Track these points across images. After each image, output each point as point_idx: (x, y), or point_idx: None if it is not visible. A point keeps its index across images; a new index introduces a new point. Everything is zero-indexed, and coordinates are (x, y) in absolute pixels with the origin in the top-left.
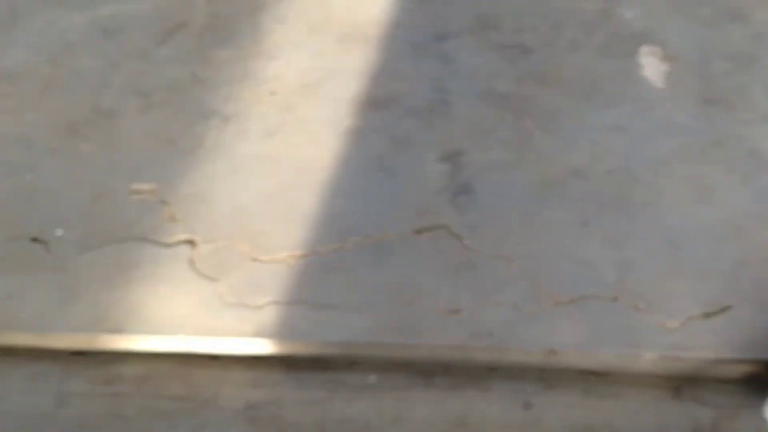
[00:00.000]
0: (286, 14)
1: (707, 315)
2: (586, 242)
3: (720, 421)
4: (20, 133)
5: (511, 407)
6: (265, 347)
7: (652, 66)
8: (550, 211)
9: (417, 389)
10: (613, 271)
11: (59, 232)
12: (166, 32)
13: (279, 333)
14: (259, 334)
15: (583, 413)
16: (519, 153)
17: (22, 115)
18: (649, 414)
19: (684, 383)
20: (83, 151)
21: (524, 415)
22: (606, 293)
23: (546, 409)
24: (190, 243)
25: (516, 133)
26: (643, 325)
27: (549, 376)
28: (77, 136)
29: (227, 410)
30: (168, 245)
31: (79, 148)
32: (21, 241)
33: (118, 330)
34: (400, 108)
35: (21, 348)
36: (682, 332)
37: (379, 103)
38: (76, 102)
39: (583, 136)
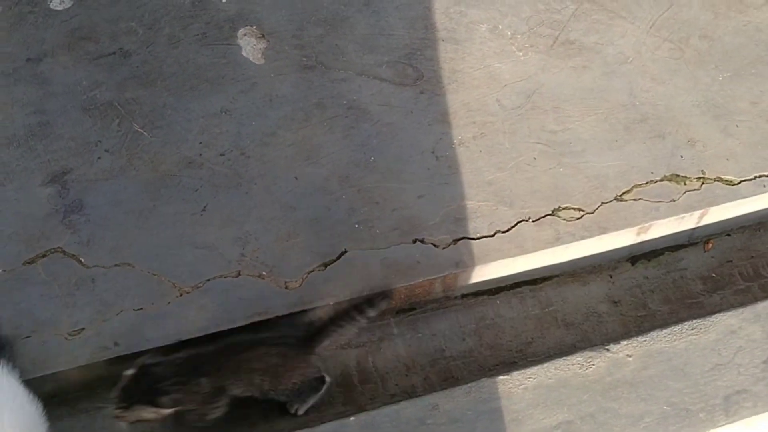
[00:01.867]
0: None
1: (326, 266)
2: (204, 227)
3: (364, 359)
4: None
5: None
6: None
7: (250, 45)
8: (165, 206)
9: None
10: (235, 248)
11: None
12: None
13: None
14: None
15: None
16: (128, 157)
17: None
18: None
19: None
20: None
21: None
22: (229, 271)
23: None
24: None
25: (123, 139)
26: (268, 292)
27: None
28: None
29: None
30: None
31: None
32: None
33: None
34: None
35: None
36: (305, 288)
37: None
38: None
39: (192, 126)
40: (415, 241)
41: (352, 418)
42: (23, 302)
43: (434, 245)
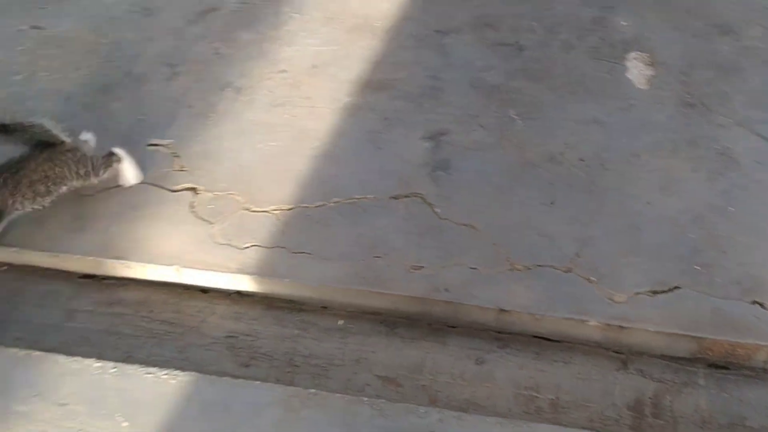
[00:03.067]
0: (305, 5)
1: (655, 293)
2: (551, 219)
3: (662, 395)
4: (62, 89)
5: (465, 361)
6: (247, 284)
7: (637, 69)
8: (521, 189)
9: (380, 336)
10: (572, 245)
11: None
12: (198, 13)
13: (259, 272)
14: (242, 271)
15: (532, 374)
16: (499, 137)
17: (66, 75)
18: (595, 381)
19: (631, 356)
20: (113, 108)
21: (476, 369)
22: (561, 264)
23: (497, 367)
24: (193, 191)
25: (499, 120)
26: (592, 296)
27: (504, 337)
28: (110, 95)
29: (209, 337)
30: (174, 191)
31: (111, 106)
32: None
33: (122, 257)
34: (395, 91)
35: (38, 267)
36: (629, 306)
37: (377, 86)
38: (112, 67)
39: (562, 126)
40: (754, 302)
41: None
42: (381, 229)
43: None
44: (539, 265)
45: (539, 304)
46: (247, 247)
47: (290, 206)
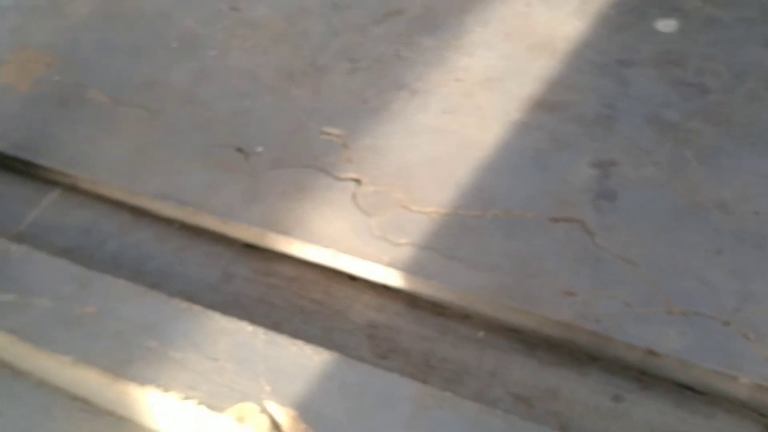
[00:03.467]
0: (489, 19)
1: None
2: (714, 267)
3: None
4: (249, 69)
5: (602, 396)
6: (396, 279)
7: None
8: (687, 232)
9: (518, 354)
10: (733, 299)
11: (259, 148)
12: (384, 14)
13: (409, 269)
14: (393, 266)
15: (670, 421)
16: (670, 176)
17: (254, 56)
18: None
19: None
20: (294, 94)
21: (613, 406)
22: (720, 316)
23: (635, 407)
24: (357, 181)
25: (672, 159)
26: (748, 354)
27: (646, 379)
28: (292, 81)
29: (352, 323)
30: (339, 179)
31: (291, 91)
32: (228, 148)
33: (284, 233)
34: (567, 113)
35: (206, 229)
36: None
37: (549, 106)
38: (298, 55)
39: (738, 176)
40: None
41: None
42: (536, 248)
43: None
44: (696, 313)
45: (690, 352)
46: (401, 244)
47: (447, 211)
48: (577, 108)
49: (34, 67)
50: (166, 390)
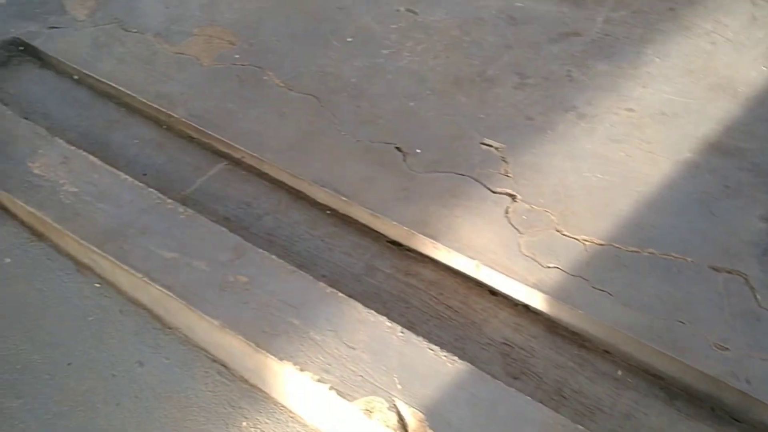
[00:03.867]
0: (670, 52)
1: None
2: None
3: None
4: (418, 72)
5: None
6: (538, 301)
7: None
8: None
9: (656, 401)
10: None
11: (418, 150)
12: (560, 34)
13: (554, 294)
14: (538, 288)
15: None
16: None
17: (425, 60)
18: None
19: None
20: (459, 101)
21: None
22: None
23: None
24: (512, 197)
25: None
26: None
27: None
28: (459, 89)
29: (486, 337)
30: (494, 192)
31: (456, 98)
32: (389, 146)
33: (432, 236)
34: (742, 161)
35: (356, 220)
36: None
37: (724, 150)
38: (468, 64)
39: None
40: None
41: None
42: (692, 295)
43: None
44: None
45: None
46: (549, 267)
47: (602, 241)
48: (754, 156)
49: (218, 44)
50: (302, 369)
